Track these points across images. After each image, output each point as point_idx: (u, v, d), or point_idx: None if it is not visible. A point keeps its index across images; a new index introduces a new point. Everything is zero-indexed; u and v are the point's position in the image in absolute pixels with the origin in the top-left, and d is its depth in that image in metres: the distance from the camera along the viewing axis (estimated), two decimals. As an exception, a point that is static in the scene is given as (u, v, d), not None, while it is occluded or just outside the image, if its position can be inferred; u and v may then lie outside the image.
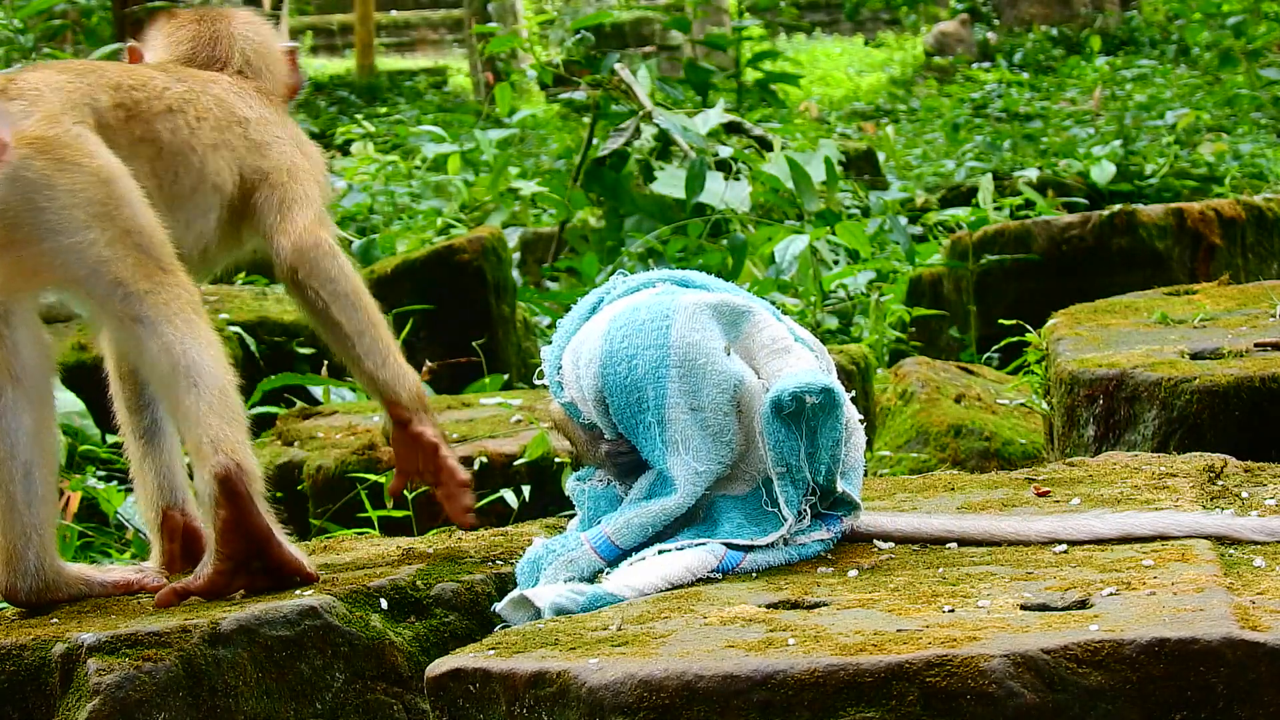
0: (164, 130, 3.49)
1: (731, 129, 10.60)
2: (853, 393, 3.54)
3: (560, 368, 3.47)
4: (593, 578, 3.23)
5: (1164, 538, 3.17)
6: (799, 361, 3.31)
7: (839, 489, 3.29)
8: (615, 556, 3.25)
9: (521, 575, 3.34)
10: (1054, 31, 23.63)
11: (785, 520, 3.24)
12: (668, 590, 3.10)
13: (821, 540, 3.28)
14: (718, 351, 3.27)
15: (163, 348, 3.28)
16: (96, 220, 3.28)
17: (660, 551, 3.22)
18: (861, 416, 3.43)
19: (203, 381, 3.29)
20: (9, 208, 3.26)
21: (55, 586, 3.47)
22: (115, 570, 3.58)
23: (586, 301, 3.54)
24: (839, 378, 3.39)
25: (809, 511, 3.27)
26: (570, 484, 3.49)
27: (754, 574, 3.18)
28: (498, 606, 3.21)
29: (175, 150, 3.51)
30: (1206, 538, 3.15)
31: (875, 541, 3.32)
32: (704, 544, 3.21)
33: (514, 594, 3.19)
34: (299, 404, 6.26)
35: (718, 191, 9.27)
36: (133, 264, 3.30)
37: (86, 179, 3.28)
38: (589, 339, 3.39)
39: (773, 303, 8.45)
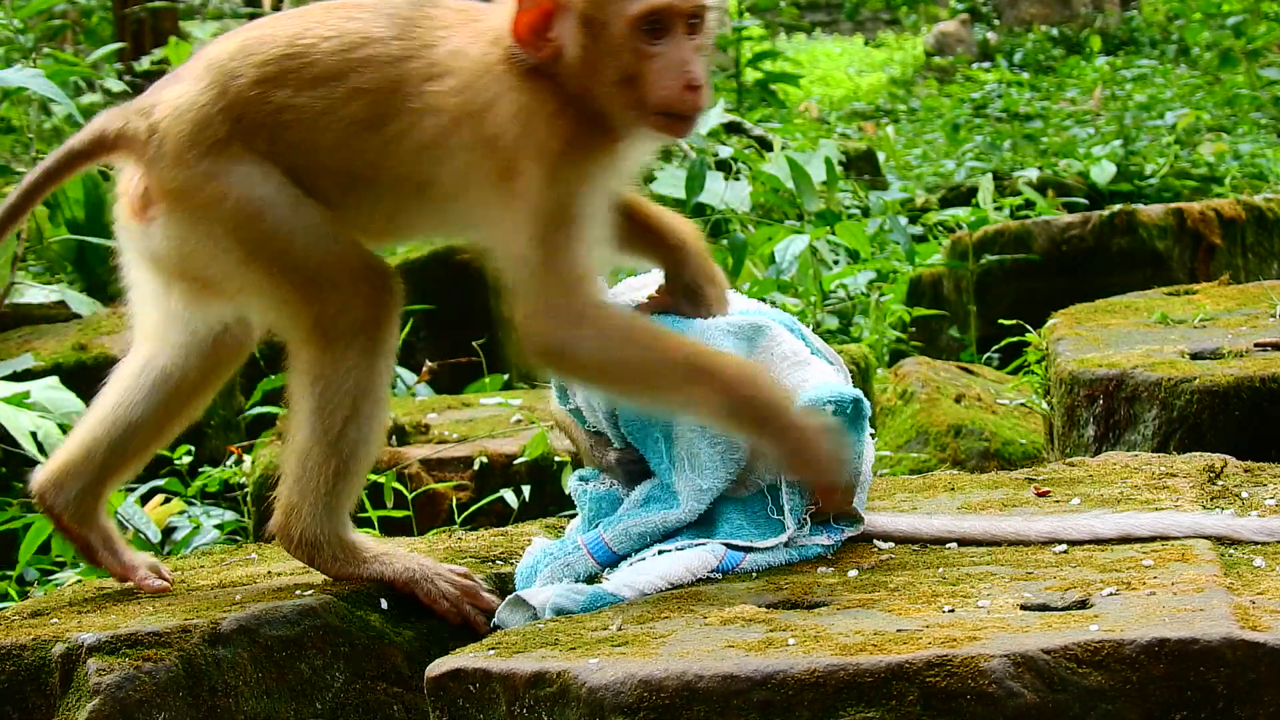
0: None
1: (731, 129, 10.60)
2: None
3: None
4: (590, 580, 3.23)
5: (1164, 538, 3.17)
6: (819, 374, 3.31)
7: (855, 507, 3.32)
8: (611, 562, 3.26)
9: (520, 578, 3.34)
10: (1054, 31, 23.63)
11: (788, 528, 3.24)
12: (668, 590, 3.10)
13: (822, 545, 3.28)
14: None
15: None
16: (242, 267, 3.22)
17: (660, 551, 3.22)
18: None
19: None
20: (167, 258, 3.26)
21: (83, 522, 3.48)
22: (138, 556, 3.54)
23: None
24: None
25: (809, 520, 3.28)
26: (572, 483, 3.49)
27: (754, 574, 3.18)
28: (496, 615, 3.21)
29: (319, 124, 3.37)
30: (1206, 538, 3.15)
31: (875, 541, 3.32)
32: (704, 544, 3.21)
33: (511, 597, 3.19)
34: (299, 404, 6.24)
35: (718, 191, 9.26)
36: (288, 305, 3.23)
37: (219, 229, 3.19)
38: None
39: (773, 303, 8.45)
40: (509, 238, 3.08)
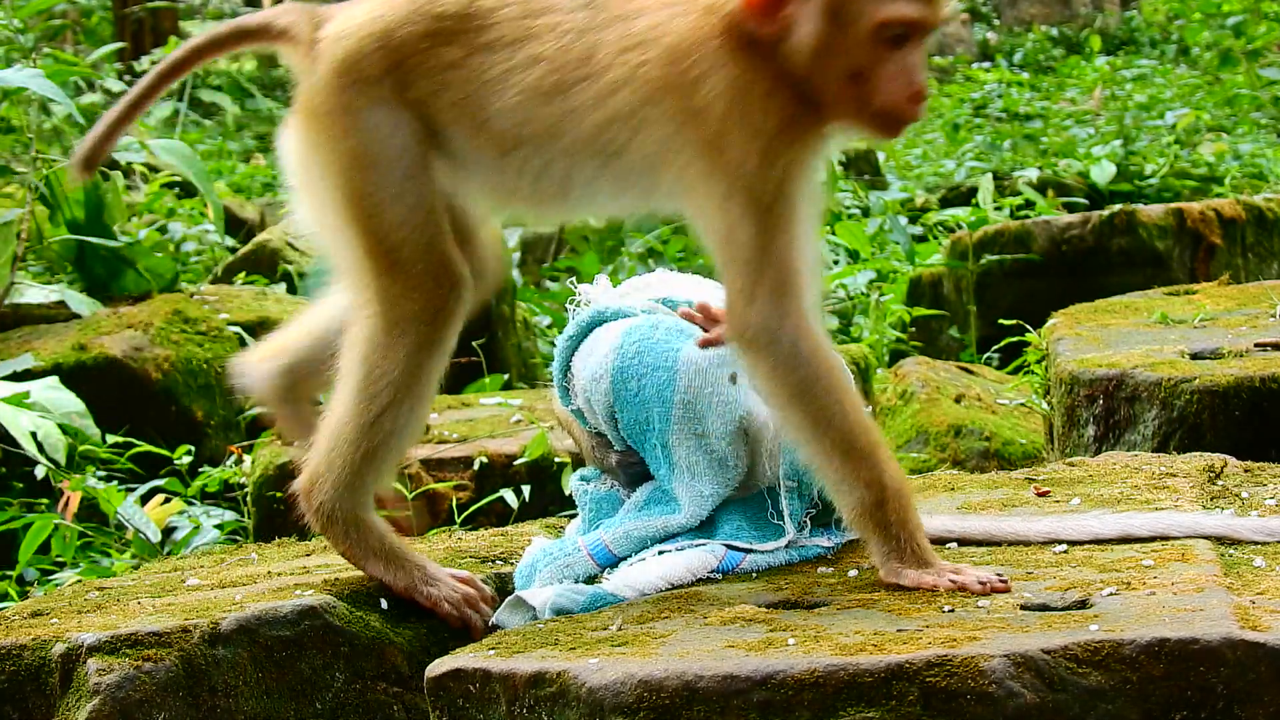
0: None
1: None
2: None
3: (567, 371, 3.46)
4: (589, 581, 3.23)
5: (1164, 538, 3.17)
6: None
7: None
8: (611, 564, 3.26)
9: (520, 578, 3.34)
10: (1054, 31, 23.62)
11: (788, 532, 3.25)
12: (668, 590, 3.10)
13: (822, 546, 3.28)
14: (723, 380, 3.27)
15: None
16: (342, 205, 3.24)
17: (660, 552, 3.22)
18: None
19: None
20: (310, 171, 3.31)
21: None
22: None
23: (596, 306, 3.53)
24: None
25: (809, 522, 3.28)
26: (574, 483, 3.49)
27: (754, 574, 3.18)
28: (496, 615, 3.21)
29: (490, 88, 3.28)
30: (1206, 538, 3.15)
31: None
32: (704, 544, 3.21)
33: (511, 597, 3.19)
34: (299, 404, 6.24)
35: (718, 191, 9.25)
36: (365, 255, 3.22)
37: (334, 168, 3.22)
38: (599, 349, 3.39)
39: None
40: (718, 212, 3.00)
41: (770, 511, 3.28)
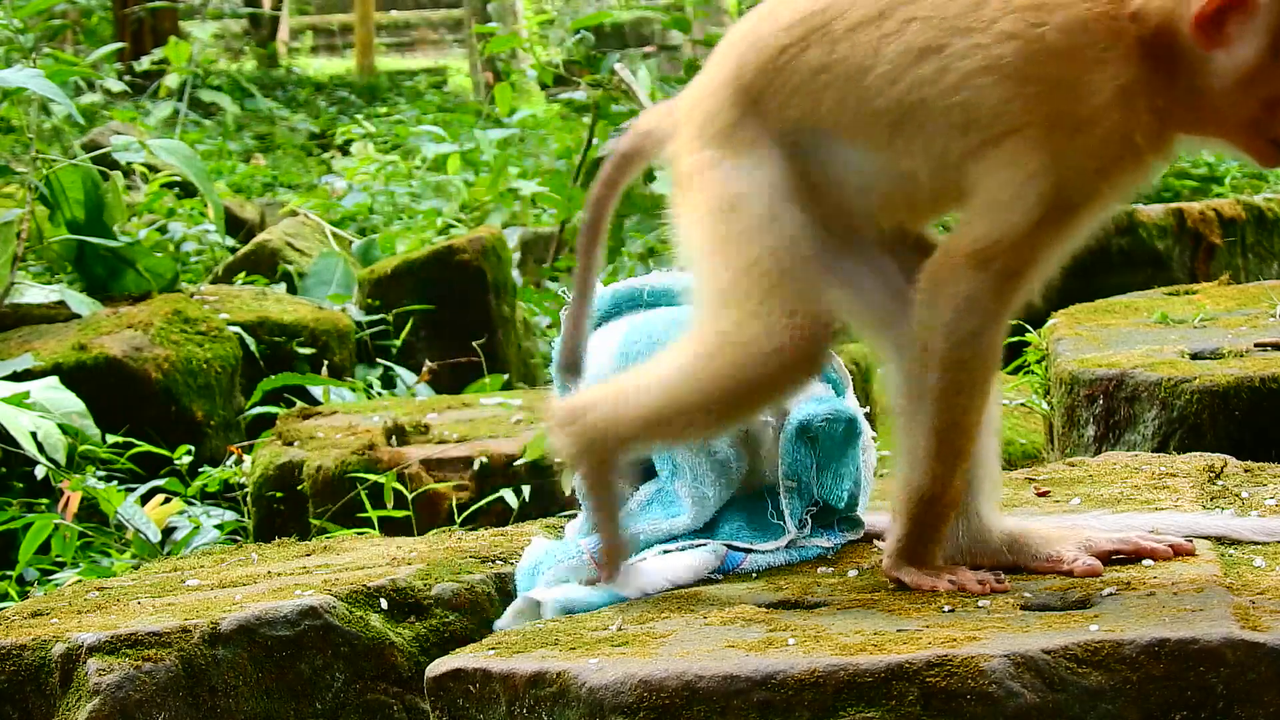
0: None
1: (731, 129, 10.58)
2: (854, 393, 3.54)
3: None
4: (592, 582, 3.23)
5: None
6: (816, 387, 3.32)
7: (856, 513, 3.33)
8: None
9: (521, 579, 3.34)
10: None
11: (788, 532, 3.25)
12: (669, 590, 3.10)
13: (823, 546, 3.29)
14: None
15: None
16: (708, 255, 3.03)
17: (665, 550, 3.22)
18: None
19: None
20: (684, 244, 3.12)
21: (973, 556, 3.11)
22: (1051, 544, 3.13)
23: (603, 299, 3.49)
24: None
25: (809, 521, 3.29)
26: (576, 481, 3.48)
27: (754, 574, 3.18)
28: (500, 622, 3.21)
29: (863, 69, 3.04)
30: (1205, 538, 3.15)
31: (875, 541, 3.32)
32: (705, 544, 3.21)
33: (516, 602, 3.19)
34: (299, 404, 6.26)
35: (718, 191, 9.25)
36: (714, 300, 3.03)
37: (706, 220, 3.00)
38: (604, 348, 3.39)
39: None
40: (1011, 183, 2.86)
41: (770, 512, 3.28)
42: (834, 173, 3.00)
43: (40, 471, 5.53)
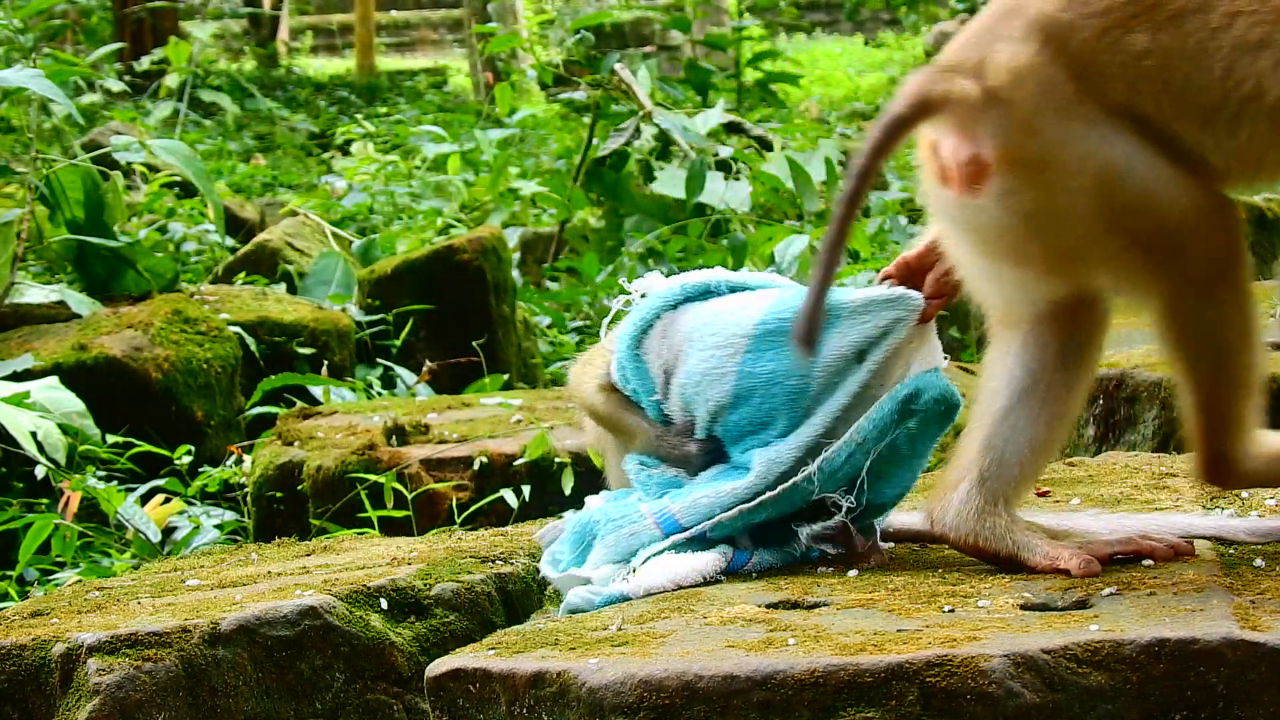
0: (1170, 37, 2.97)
1: (731, 129, 10.60)
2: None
3: (632, 362, 3.33)
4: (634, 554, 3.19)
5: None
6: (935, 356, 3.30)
7: (885, 515, 3.31)
8: (674, 532, 3.19)
9: (573, 538, 3.27)
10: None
11: (801, 541, 3.21)
12: (674, 590, 3.10)
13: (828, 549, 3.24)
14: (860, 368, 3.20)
15: None
16: (1100, 238, 2.98)
17: (677, 550, 3.18)
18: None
19: None
20: (1006, 229, 3.00)
21: (978, 536, 3.13)
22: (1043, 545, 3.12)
23: (660, 297, 3.36)
24: None
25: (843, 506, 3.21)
26: (631, 465, 3.35)
27: (754, 574, 3.18)
28: (547, 570, 3.17)
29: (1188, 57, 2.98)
30: (1201, 539, 3.15)
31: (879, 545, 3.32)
32: (714, 546, 3.19)
33: (565, 572, 3.16)
34: (299, 404, 6.26)
35: (718, 191, 9.27)
36: (1149, 270, 3.03)
37: (1080, 199, 2.94)
38: (698, 344, 3.26)
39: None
40: None
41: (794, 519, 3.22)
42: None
43: (40, 471, 5.53)
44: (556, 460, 5.04)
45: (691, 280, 3.37)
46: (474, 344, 7.28)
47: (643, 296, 3.42)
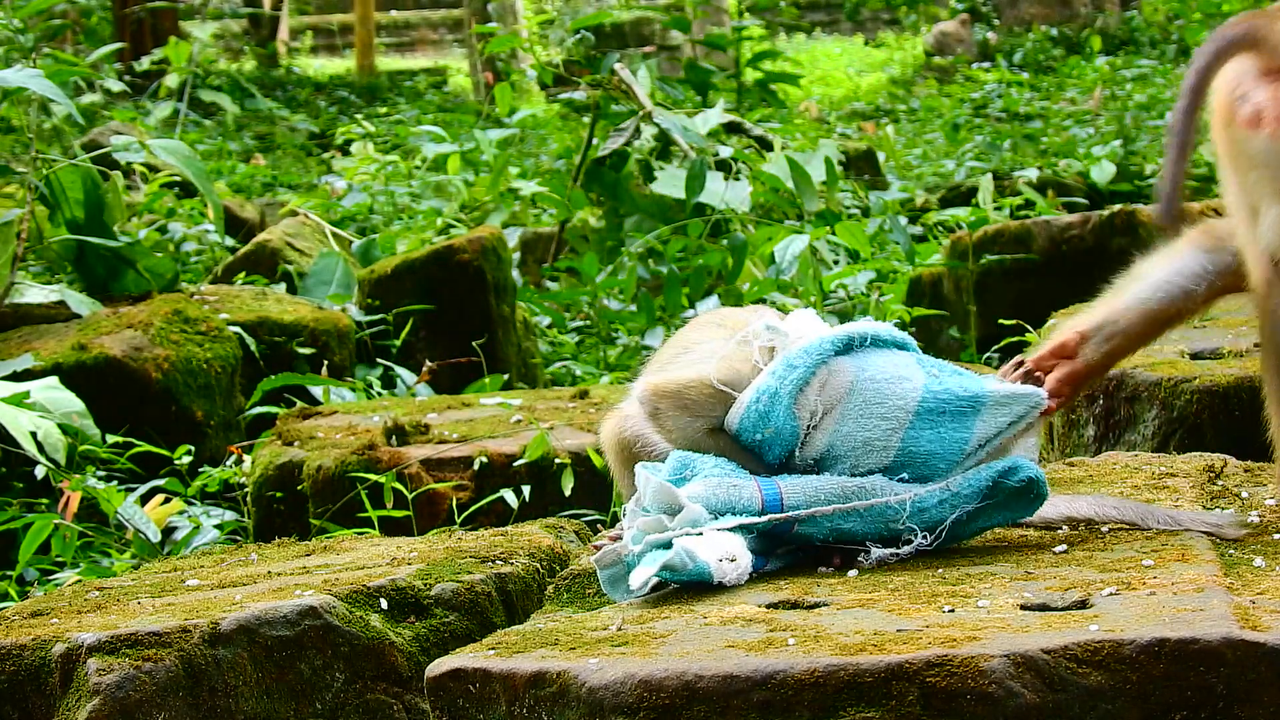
0: None
1: (731, 129, 10.60)
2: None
3: (788, 415, 3.24)
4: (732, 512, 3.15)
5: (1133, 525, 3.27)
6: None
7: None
8: (774, 510, 3.16)
9: (674, 464, 3.23)
10: (1054, 31, 23.62)
11: (914, 540, 3.22)
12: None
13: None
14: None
15: None
16: None
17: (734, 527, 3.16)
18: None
19: None
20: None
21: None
22: None
23: (817, 352, 3.28)
24: None
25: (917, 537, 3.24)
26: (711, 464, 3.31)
27: (754, 574, 3.18)
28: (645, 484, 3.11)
29: None
30: (1127, 524, 3.24)
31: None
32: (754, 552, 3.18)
33: (664, 492, 3.09)
34: (299, 404, 6.26)
35: (718, 191, 9.26)
36: None
37: None
38: (857, 409, 3.24)
39: (773, 304, 8.39)
40: None
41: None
42: None
43: (40, 471, 5.53)
44: (556, 460, 5.04)
45: (842, 333, 3.32)
46: (474, 344, 7.28)
47: (771, 338, 3.33)
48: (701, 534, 3.09)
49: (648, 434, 3.34)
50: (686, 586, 3.08)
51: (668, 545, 3.07)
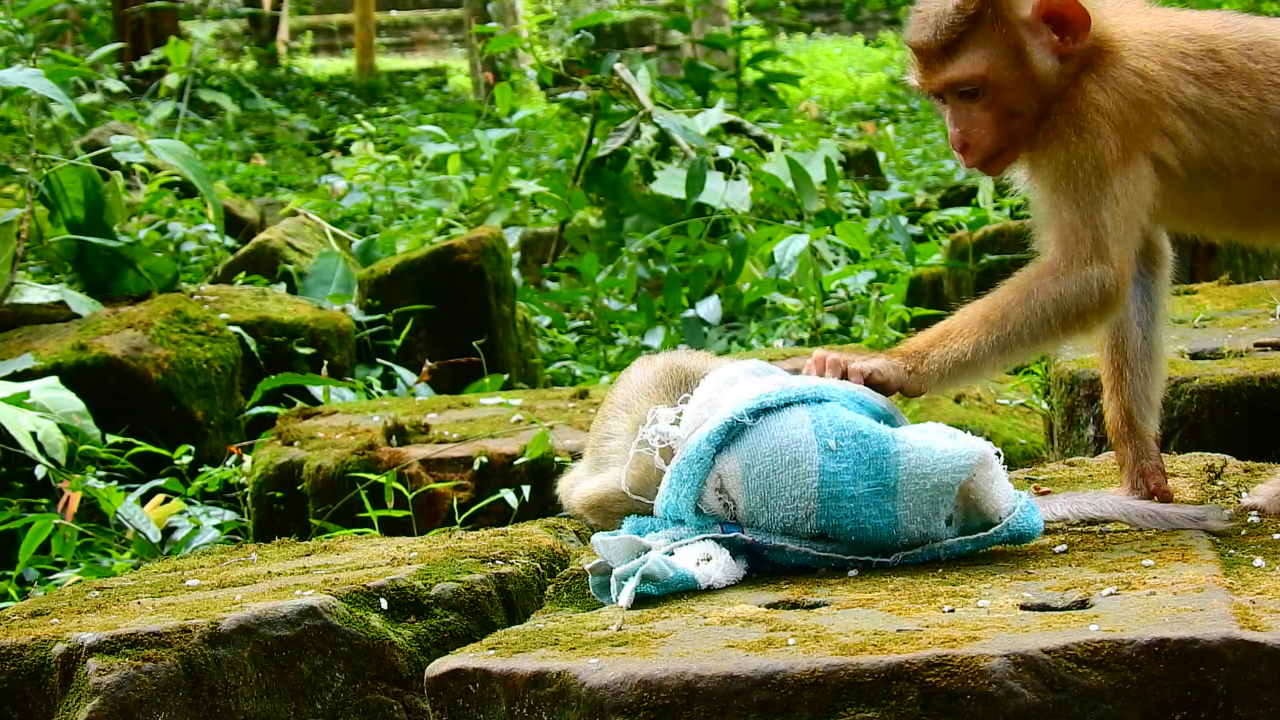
0: None
1: (731, 129, 10.60)
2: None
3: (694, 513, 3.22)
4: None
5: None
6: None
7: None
8: (731, 535, 3.15)
9: (630, 528, 3.26)
10: (1054, 31, 23.59)
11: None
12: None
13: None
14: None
15: None
16: None
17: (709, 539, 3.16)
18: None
19: None
20: None
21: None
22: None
23: (742, 406, 3.20)
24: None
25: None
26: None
27: (754, 574, 3.18)
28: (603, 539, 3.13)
29: None
30: (1103, 521, 3.28)
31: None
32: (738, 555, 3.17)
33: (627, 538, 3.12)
34: (299, 404, 6.26)
35: (718, 191, 9.27)
36: None
37: None
38: (792, 462, 3.14)
39: (773, 304, 8.36)
40: None
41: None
42: None
43: (40, 471, 5.54)
44: (556, 460, 5.04)
45: (719, 424, 3.19)
46: (474, 344, 7.28)
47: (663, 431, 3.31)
48: (673, 554, 3.10)
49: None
50: (686, 588, 3.09)
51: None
